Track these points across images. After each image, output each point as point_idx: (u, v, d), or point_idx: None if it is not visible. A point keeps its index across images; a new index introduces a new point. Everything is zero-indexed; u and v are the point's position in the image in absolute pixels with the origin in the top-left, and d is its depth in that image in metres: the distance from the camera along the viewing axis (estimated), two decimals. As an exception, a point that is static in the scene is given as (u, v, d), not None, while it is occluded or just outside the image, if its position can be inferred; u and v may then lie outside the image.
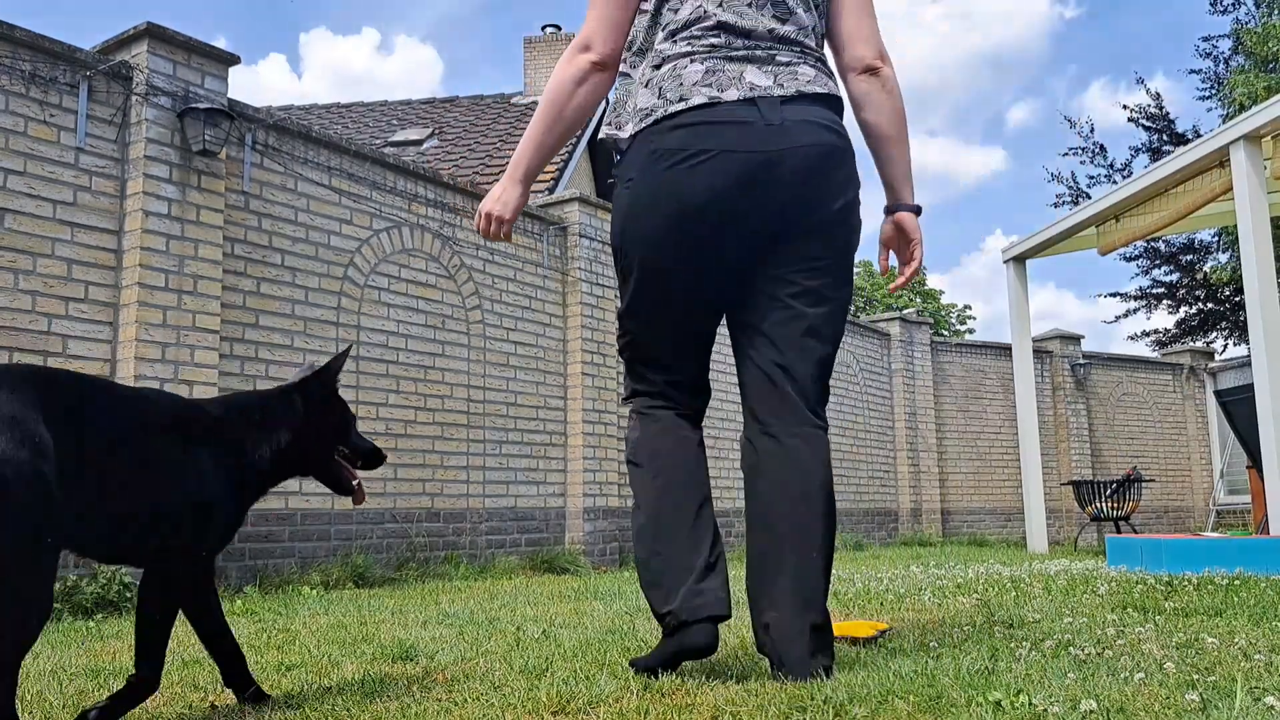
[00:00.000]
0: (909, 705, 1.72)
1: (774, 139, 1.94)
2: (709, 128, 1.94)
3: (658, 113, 1.98)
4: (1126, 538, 5.95)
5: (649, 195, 1.99)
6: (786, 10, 2.04)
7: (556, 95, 2.06)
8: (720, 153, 1.93)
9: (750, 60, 1.99)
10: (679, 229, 1.98)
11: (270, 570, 5.14)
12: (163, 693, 2.11)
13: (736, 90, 1.96)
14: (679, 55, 2.01)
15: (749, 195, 1.95)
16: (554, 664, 2.28)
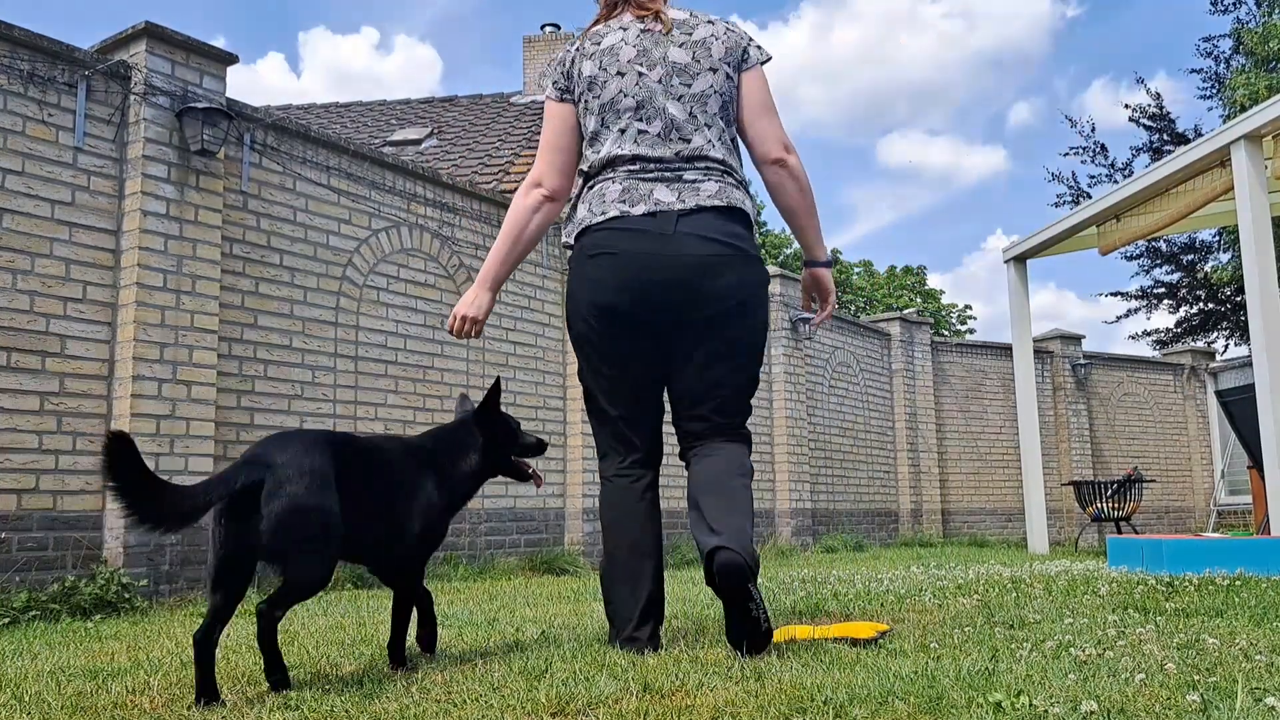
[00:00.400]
0: (909, 706, 1.72)
1: (666, 246, 2.41)
2: (618, 234, 2.44)
3: (585, 222, 2.52)
4: (1127, 538, 5.94)
5: (578, 283, 2.53)
6: (687, 137, 2.50)
7: (516, 220, 2.59)
8: (622, 253, 2.43)
9: (661, 180, 2.47)
10: (599, 309, 2.48)
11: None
12: (162, 693, 2.10)
13: (644, 206, 2.44)
14: (605, 179, 2.52)
15: (646, 289, 2.43)
16: (553, 665, 2.27)
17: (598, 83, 2.54)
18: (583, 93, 2.56)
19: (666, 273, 2.40)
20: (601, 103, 2.53)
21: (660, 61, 2.53)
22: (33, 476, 4.30)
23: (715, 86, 2.54)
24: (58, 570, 4.28)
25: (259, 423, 5.23)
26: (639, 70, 2.52)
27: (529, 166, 12.17)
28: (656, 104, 2.50)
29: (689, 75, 2.53)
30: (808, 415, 10.00)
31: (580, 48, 2.60)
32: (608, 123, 2.52)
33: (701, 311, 2.43)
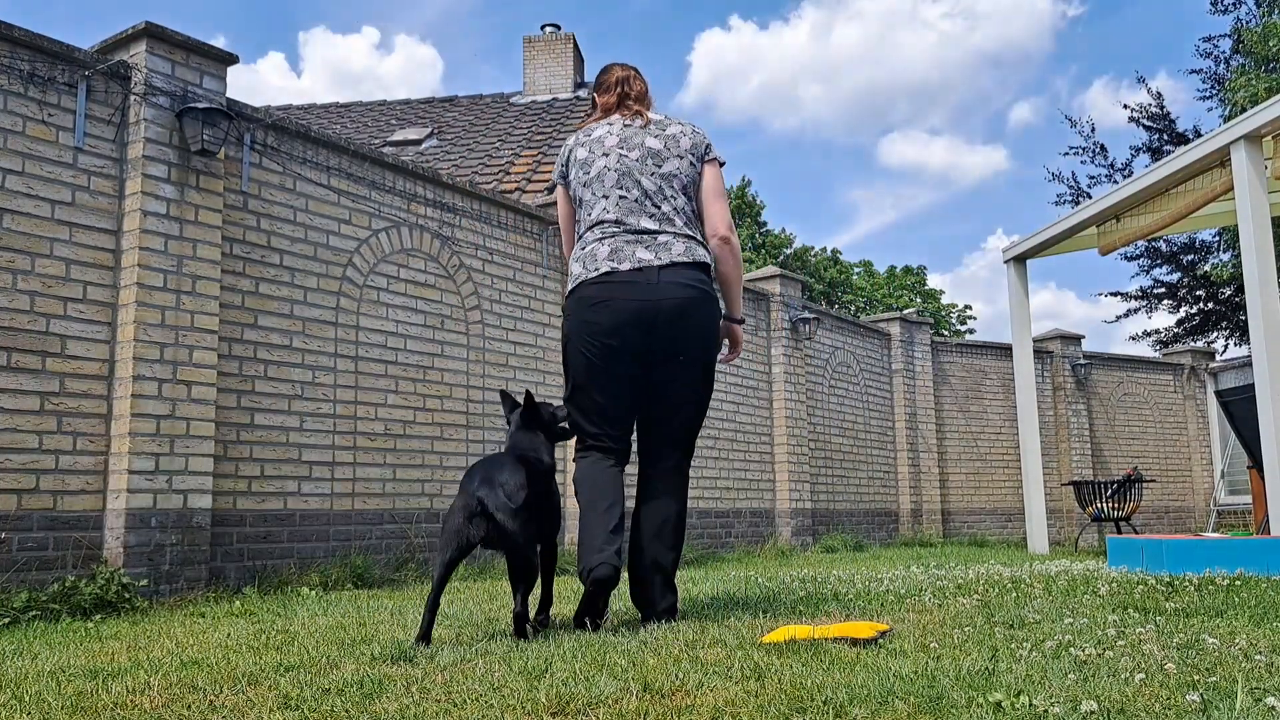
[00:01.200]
0: (909, 706, 1.72)
1: (652, 293, 3.05)
2: (612, 285, 3.06)
3: (581, 278, 3.13)
4: (1127, 538, 5.95)
5: (579, 325, 3.12)
6: (656, 208, 3.15)
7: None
8: (618, 300, 3.05)
9: (639, 243, 3.10)
10: (600, 345, 3.09)
11: (269, 571, 5.14)
12: (162, 693, 2.10)
13: (629, 263, 3.06)
14: (595, 240, 3.15)
15: (636, 328, 3.05)
16: (553, 664, 2.27)
17: (588, 163, 3.23)
18: (576, 173, 3.26)
19: (654, 313, 3.05)
20: (589, 176, 3.22)
21: (638, 147, 3.22)
22: (33, 476, 4.30)
23: (680, 170, 3.22)
24: (58, 570, 4.28)
25: (259, 422, 5.24)
26: (620, 153, 3.21)
27: (529, 166, 12.22)
28: (633, 177, 3.17)
29: (660, 159, 3.20)
30: (808, 415, 10.00)
31: (576, 139, 3.30)
32: (594, 190, 3.19)
33: (679, 341, 3.11)
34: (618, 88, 3.36)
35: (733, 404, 9.05)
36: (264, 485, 5.23)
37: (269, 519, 5.23)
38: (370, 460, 5.79)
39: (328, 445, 5.56)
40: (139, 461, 4.52)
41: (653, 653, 2.47)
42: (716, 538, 8.54)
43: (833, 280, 31.98)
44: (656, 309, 3.06)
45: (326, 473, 5.54)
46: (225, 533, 5.01)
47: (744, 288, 9.47)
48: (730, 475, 8.88)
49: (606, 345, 3.09)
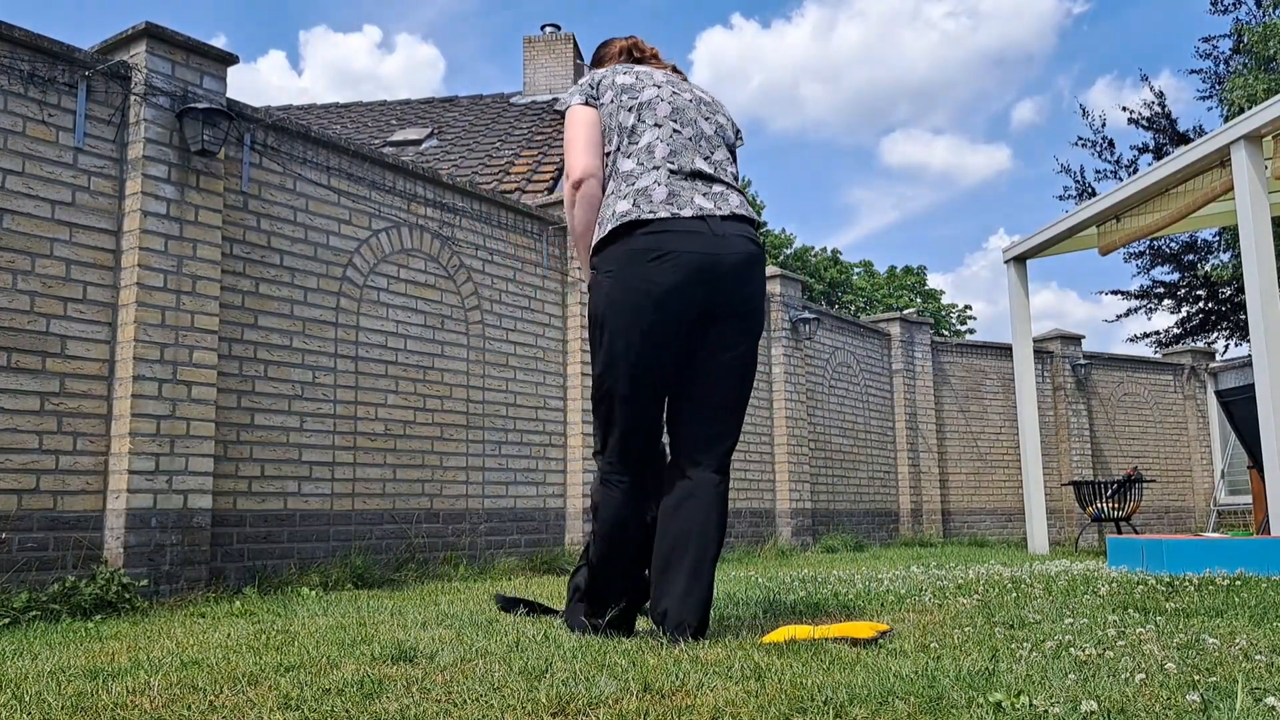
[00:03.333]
0: (909, 706, 1.72)
1: (717, 245, 2.66)
2: (673, 235, 2.64)
3: (631, 216, 2.66)
4: (1127, 538, 5.95)
5: (630, 286, 2.65)
6: (711, 154, 2.82)
7: (570, 222, 2.86)
8: (681, 254, 2.63)
9: (695, 190, 2.73)
10: (649, 307, 2.63)
11: (269, 571, 5.14)
12: (162, 693, 2.10)
13: (690, 210, 2.68)
14: (647, 177, 2.72)
15: (702, 286, 2.65)
16: (553, 665, 2.27)
17: (635, 88, 2.84)
18: (616, 96, 2.83)
19: (718, 270, 2.65)
20: (639, 102, 2.82)
21: (687, 90, 2.92)
22: (33, 476, 4.30)
23: (727, 128, 2.95)
24: (58, 570, 4.28)
25: (259, 423, 5.24)
26: (672, 90, 2.88)
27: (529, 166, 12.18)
28: (689, 115, 2.84)
29: (710, 110, 2.93)
30: (808, 415, 10.00)
31: (611, 69, 2.91)
32: (644, 118, 2.80)
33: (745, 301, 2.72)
34: (629, 50, 3.07)
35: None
36: (264, 485, 5.23)
37: (269, 519, 5.24)
38: (370, 460, 5.79)
39: (328, 445, 5.57)
40: (139, 461, 4.52)
41: (653, 653, 2.47)
42: (716, 538, 8.53)
43: (833, 280, 31.98)
44: (722, 263, 2.65)
45: (326, 473, 5.54)
46: (225, 533, 5.01)
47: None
48: (730, 475, 8.87)
49: (665, 310, 2.63)
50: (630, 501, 2.78)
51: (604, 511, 2.79)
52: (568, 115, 2.87)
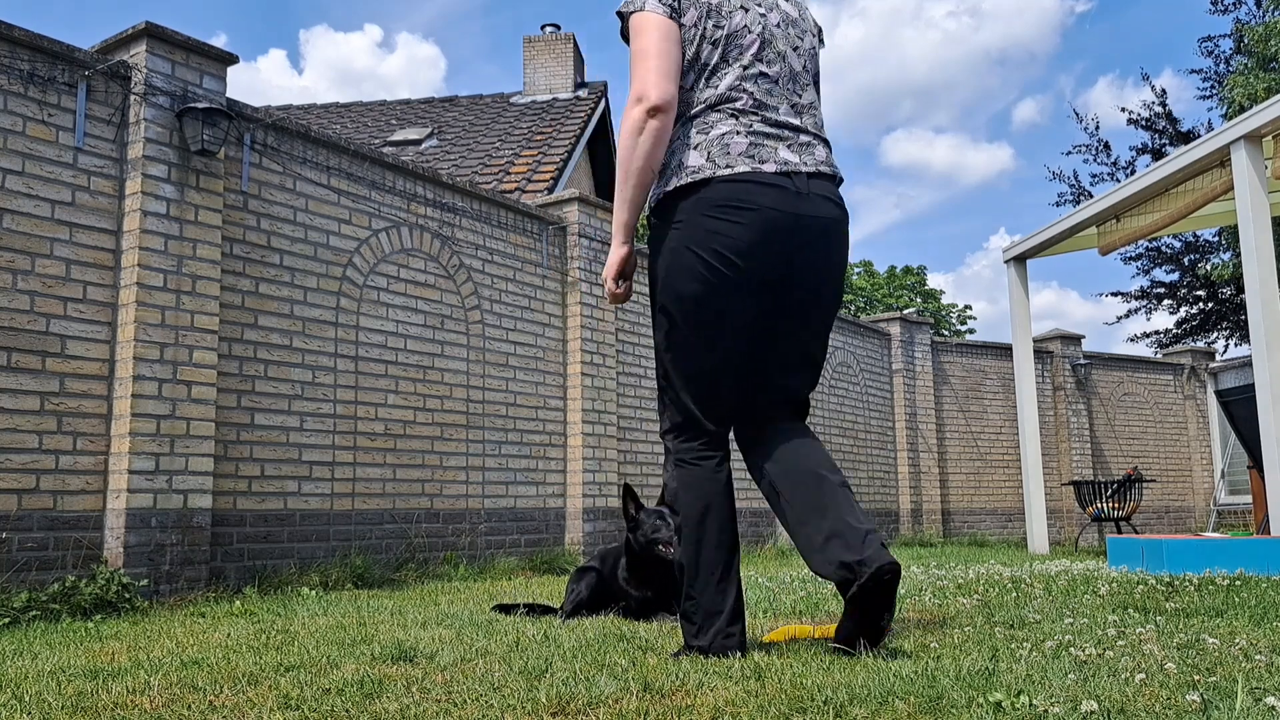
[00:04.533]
0: (909, 706, 1.72)
1: (801, 205, 2.38)
2: (754, 188, 2.34)
3: (706, 173, 2.36)
4: (1127, 538, 5.95)
5: (701, 235, 2.35)
6: (801, 91, 2.49)
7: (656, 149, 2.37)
8: (761, 208, 2.34)
9: (781, 140, 2.41)
10: (721, 266, 2.34)
11: (269, 571, 5.14)
12: (162, 693, 2.10)
13: (774, 164, 2.37)
14: (726, 129, 2.39)
15: (783, 247, 2.37)
16: (553, 665, 2.27)
17: (721, 11, 2.43)
18: (700, 19, 2.42)
19: (802, 232, 2.37)
20: (725, 33, 2.42)
21: (774, 8, 2.51)
22: (33, 476, 4.30)
23: (814, 50, 2.59)
24: (58, 570, 4.28)
25: (259, 422, 5.24)
26: (759, 11, 2.48)
27: (529, 166, 12.15)
28: (778, 48, 2.47)
29: (799, 29, 2.55)
30: (808, 415, 9.99)
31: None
32: (729, 57, 2.42)
33: (824, 272, 2.45)
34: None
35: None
36: (264, 485, 5.23)
37: (269, 519, 5.23)
38: (370, 460, 5.79)
39: (328, 445, 5.57)
40: (139, 461, 4.52)
41: (653, 653, 2.47)
42: (716, 538, 8.53)
43: (833, 280, 31.93)
44: (805, 227, 2.38)
45: (326, 473, 5.54)
46: (225, 533, 5.01)
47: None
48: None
49: (735, 268, 2.33)
50: (720, 474, 2.46)
51: (690, 494, 2.42)
52: (639, 21, 2.39)
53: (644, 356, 8.01)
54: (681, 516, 2.42)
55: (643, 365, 7.98)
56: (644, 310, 8.06)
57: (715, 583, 2.37)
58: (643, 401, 7.93)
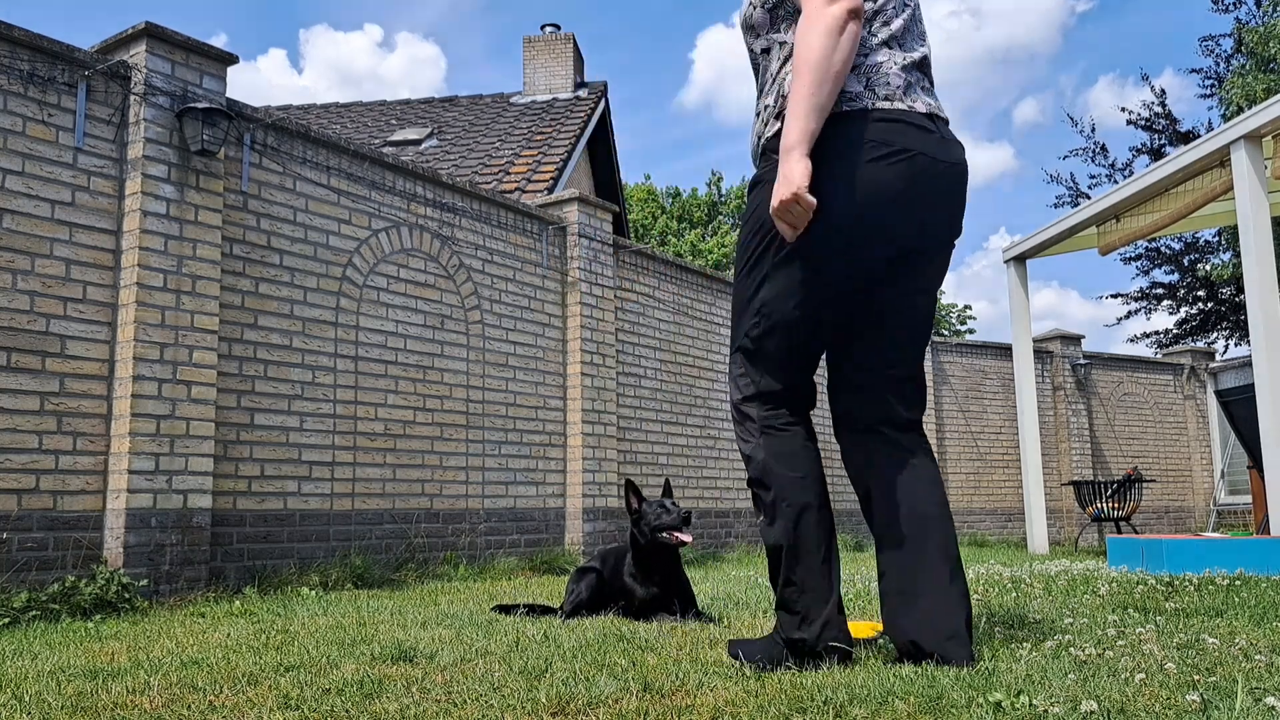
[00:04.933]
0: (909, 706, 1.72)
1: (946, 150, 2.21)
2: (910, 130, 2.14)
3: (865, 101, 2.14)
4: (1127, 538, 5.95)
5: (841, 178, 2.09)
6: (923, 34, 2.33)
7: (823, 54, 2.05)
8: (915, 154, 2.13)
9: (921, 81, 2.25)
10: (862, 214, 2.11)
11: (269, 571, 5.14)
12: (162, 693, 2.10)
13: (923, 105, 2.21)
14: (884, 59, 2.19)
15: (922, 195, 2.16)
16: (553, 665, 2.27)
17: None
18: None
19: (943, 183, 2.17)
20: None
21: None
22: (33, 476, 4.30)
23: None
24: (58, 570, 4.28)
25: (259, 423, 5.24)
26: None
27: (529, 166, 12.16)
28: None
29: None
30: (808, 415, 9.99)
31: None
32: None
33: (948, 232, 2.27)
34: None
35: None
36: (264, 485, 5.23)
37: (269, 519, 5.23)
38: (370, 460, 5.79)
39: (328, 445, 5.56)
40: (139, 461, 4.52)
41: (653, 653, 2.47)
42: (716, 538, 8.54)
43: (833, 280, 31.98)
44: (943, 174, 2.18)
45: (326, 473, 5.54)
46: (225, 533, 5.01)
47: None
48: (730, 475, 8.88)
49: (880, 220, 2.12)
50: (812, 444, 2.29)
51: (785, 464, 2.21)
52: None
53: (644, 356, 8.01)
54: (774, 491, 2.18)
55: (642, 365, 7.98)
56: (644, 310, 8.07)
57: (819, 562, 2.13)
58: (642, 401, 7.93)
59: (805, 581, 2.13)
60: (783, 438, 2.25)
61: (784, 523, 2.16)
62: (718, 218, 32.13)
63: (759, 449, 2.24)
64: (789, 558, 2.15)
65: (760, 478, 2.24)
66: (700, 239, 29.90)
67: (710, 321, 8.88)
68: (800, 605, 2.12)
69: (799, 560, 2.14)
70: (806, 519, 2.17)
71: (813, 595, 2.12)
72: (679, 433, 8.29)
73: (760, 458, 2.24)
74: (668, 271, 8.46)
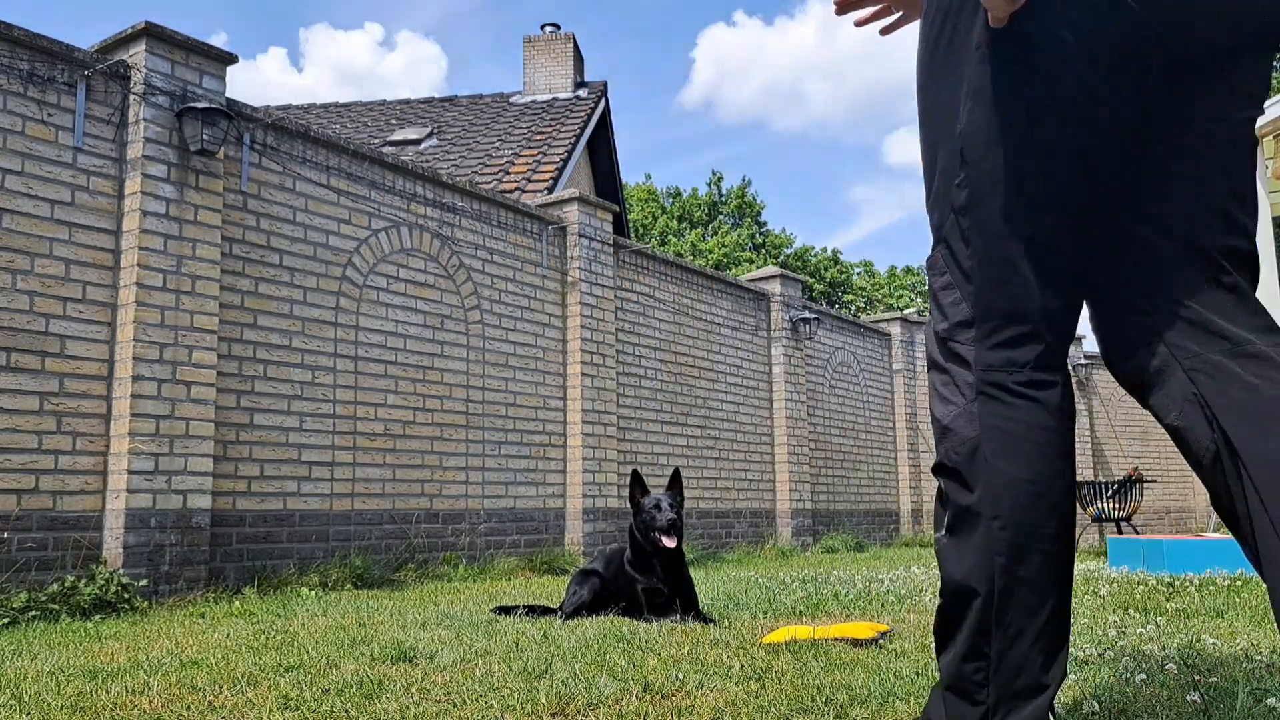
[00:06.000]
0: (910, 706, 1.72)
1: None
2: None
3: None
4: (1128, 538, 5.94)
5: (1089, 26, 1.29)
6: None
7: None
8: None
9: None
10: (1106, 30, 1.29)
11: (269, 571, 5.14)
12: (162, 693, 2.10)
13: None
14: None
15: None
16: (553, 665, 2.27)
17: None
18: None
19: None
20: None
21: None
22: (33, 476, 4.30)
23: None
24: (58, 570, 4.28)
25: (259, 423, 5.23)
26: None
27: (529, 166, 12.19)
28: None
29: None
30: (808, 415, 9.99)
31: None
32: None
33: (1254, 25, 1.32)
34: None
35: (733, 404, 9.04)
36: (264, 485, 5.23)
37: (269, 519, 5.23)
38: (370, 460, 5.78)
39: (327, 445, 5.56)
40: (138, 461, 4.52)
41: (653, 653, 2.47)
42: (716, 538, 8.54)
43: (833, 280, 32.00)
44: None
45: (326, 473, 5.54)
46: (225, 533, 5.01)
47: (743, 287, 9.52)
48: (730, 475, 8.88)
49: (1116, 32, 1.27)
50: (1064, 414, 1.37)
51: (1008, 458, 1.34)
52: None
53: (644, 356, 8.01)
54: (980, 496, 1.34)
55: (642, 365, 7.98)
56: (644, 310, 8.06)
57: (1039, 629, 1.32)
58: (642, 401, 7.93)
59: (1006, 658, 1.32)
60: (1016, 408, 1.35)
61: (987, 553, 1.34)
62: (718, 218, 32.15)
63: (968, 419, 1.37)
64: (983, 612, 1.33)
65: (959, 467, 1.37)
66: (700, 239, 29.91)
67: (710, 321, 8.88)
68: (989, 695, 1.33)
69: (1004, 621, 1.33)
70: (1031, 555, 1.32)
71: (1015, 682, 1.32)
72: (679, 433, 8.29)
73: (968, 435, 1.37)
74: (668, 271, 8.46)
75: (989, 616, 1.33)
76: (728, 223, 32.05)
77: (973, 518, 1.36)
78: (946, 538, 1.39)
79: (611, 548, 4.03)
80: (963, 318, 1.39)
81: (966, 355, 1.39)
